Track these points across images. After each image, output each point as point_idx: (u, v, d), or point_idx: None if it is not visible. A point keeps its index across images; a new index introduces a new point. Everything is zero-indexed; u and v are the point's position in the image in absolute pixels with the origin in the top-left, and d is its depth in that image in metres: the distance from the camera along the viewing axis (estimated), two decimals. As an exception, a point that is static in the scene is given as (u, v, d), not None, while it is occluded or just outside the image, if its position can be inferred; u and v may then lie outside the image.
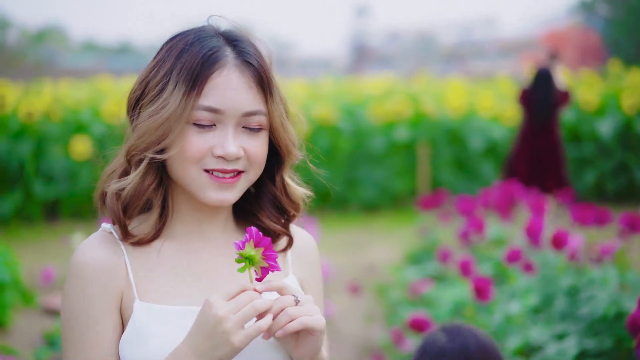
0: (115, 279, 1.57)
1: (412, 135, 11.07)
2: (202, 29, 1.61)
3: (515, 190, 6.42)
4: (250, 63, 1.56)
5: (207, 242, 1.66)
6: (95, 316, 1.55)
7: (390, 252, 8.01)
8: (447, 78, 15.07)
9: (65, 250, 8.22)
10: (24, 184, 10.01)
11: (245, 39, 1.61)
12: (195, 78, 1.53)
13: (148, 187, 1.59)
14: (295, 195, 1.69)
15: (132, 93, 1.62)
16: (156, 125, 1.53)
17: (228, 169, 1.56)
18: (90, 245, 1.60)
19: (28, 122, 10.14)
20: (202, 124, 1.54)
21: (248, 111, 1.55)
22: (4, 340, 5.69)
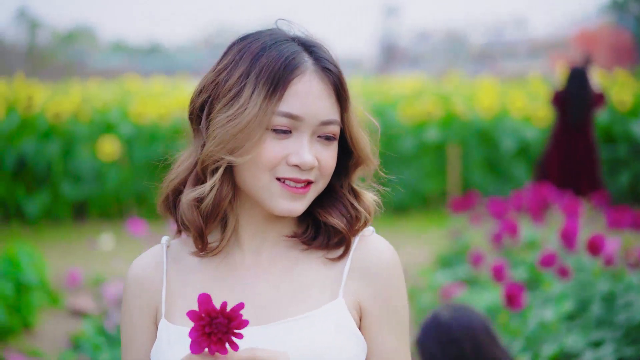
0: (149, 295, 1.58)
1: (442, 136, 10.96)
2: (273, 32, 1.54)
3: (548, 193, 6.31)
4: (330, 70, 1.50)
5: (257, 254, 1.57)
6: (134, 328, 1.58)
7: (420, 254, 7.91)
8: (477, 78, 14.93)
9: (92, 251, 8.22)
10: (51, 185, 10.03)
11: (321, 45, 1.54)
12: (276, 82, 1.45)
13: (225, 198, 1.52)
14: (366, 200, 1.60)
15: (197, 96, 1.54)
16: (236, 131, 1.45)
17: (301, 178, 1.49)
18: (138, 260, 1.62)
19: (56, 123, 10.16)
20: (280, 130, 1.47)
21: (325, 120, 1.49)
22: (29, 342, 5.67)
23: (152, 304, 1.57)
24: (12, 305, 5.92)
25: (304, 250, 1.56)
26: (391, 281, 1.54)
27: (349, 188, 1.59)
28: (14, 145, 9.94)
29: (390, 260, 1.55)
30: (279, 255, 1.57)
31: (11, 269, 6.23)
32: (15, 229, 9.69)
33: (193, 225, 1.52)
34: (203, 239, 1.53)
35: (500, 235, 5.49)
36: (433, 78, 15.49)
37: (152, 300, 1.57)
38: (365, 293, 1.52)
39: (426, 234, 9.15)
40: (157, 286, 1.58)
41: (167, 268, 1.59)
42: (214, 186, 1.50)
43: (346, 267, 1.53)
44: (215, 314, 1.29)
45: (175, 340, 1.50)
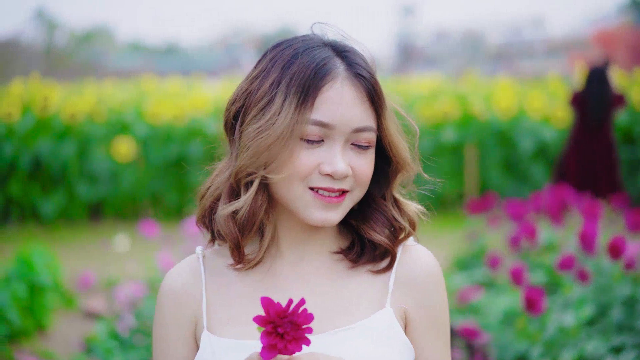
0: (188, 307, 1.55)
1: (459, 137, 10.88)
2: (307, 38, 1.50)
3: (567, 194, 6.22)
4: (362, 76, 1.45)
5: (300, 265, 1.54)
6: (169, 341, 1.55)
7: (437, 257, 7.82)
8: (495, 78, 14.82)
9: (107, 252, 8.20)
10: (67, 185, 10.02)
11: (354, 50, 1.50)
12: (307, 90, 1.42)
13: (260, 208, 1.49)
14: (409, 211, 1.57)
15: (231, 105, 1.51)
16: (268, 143, 1.42)
17: (335, 187, 1.45)
18: (174, 272, 1.60)
19: (71, 123, 10.15)
20: (311, 139, 1.43)
21: (358, 127, 1.45)
22: (43, 344, 5.65)
23: (191, 316, 1.54)
24: (26, 307, 5.90)
25: (350, 267, 1.55)
26: (436, 290, 1.54)
27: (390, 197, 1.56)
28: (30, 145, 9.94)
29: (434, 270, 1.56)
30: (322, 267, 1.54)
31: (25, 271, 6.21)
32: (31, 230, 9.69)
33: (230, 237, 1.51)
34: (239, 250, 1.52)
35: (518, 237, 5.41)
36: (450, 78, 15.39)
37: (191, 313, 1.54)
38: (410, 302, 1.52)
39: (443, 236, 9.06)
40: (196, 298, 1.54)
41: (206, 279, 1.56)
42: (249, 199, 1.48)
43: (392, 277, 1.53)
44: (283, 314, 1.28)
45: (220, 352, 1.47)
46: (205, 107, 10.68)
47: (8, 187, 9.95)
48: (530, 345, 4.02)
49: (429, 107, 10.92)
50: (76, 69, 24.76)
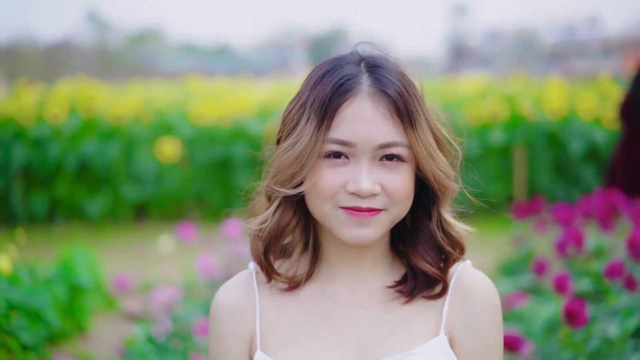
0: (244, 322, 1.54)
1: (508, 138, 10.68)
2: (344, 57, 1.49)
3: (617, 199, 6.03)
4: (386, 91, 1.42)
5: (353, 287, 1.52)
6: (223, 355, 1.55)
7: (482, 262, 7.69)
8: (546, 78, 14.57)
9: (151, 253, 8.21)
10: (112, 186, 10.07)
11: (389, 66, 1.47)
12: (325, 109, 1.41)
13: (287, 225, 1.51)
14: (456, 234, 1.54)
15: (280, 121, 1.53)
16: (290, 161, 1.43)
17: (362, 207, 1.42)
18: (228, 286, 1.59)
19: (117, 124, 10.19)
20: (334, 157, 1.43)
21: (383, 143, 1.42)
22: (83, 346, 5.65)
23: (247, 333, 1.54)
24: (66, 308, 5.91)
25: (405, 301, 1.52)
26: (488, 315, 1.51)
27: (437, 218, 1.53)
28: (76, 146, 10.01)
29: (489, 292, 1.52)
30: (375, 289, 1.52)
31: (66, 272, 6.22)
32: (77, 230, 9.75)
33: (253, 255, 1.53)
34: (264, 268, 1.53)
35: (564, 243, 5.25)
36: (499, 78, 15.18)
37: (247, 330, 1.54)
38: (461, 327, 1.50)
39: (490, 240, 8.90)
40: (250, 315, 1.55)
41: (259, 296, 1.55)
42: (269, 217, 1.50)
43: (446, 304, 1.51)
44: None
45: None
46: (250, 108, 10.65)
47: (54, 188, 10.04)
48: (575, 356, 3.88)
49: (477, 107, 10.75)
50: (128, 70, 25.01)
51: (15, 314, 5.42)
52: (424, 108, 1.47)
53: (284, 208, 1.50)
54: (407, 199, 1.46)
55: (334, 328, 1.48)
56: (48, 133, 10.11)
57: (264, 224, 1.50)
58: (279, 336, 1.50)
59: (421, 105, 1.46)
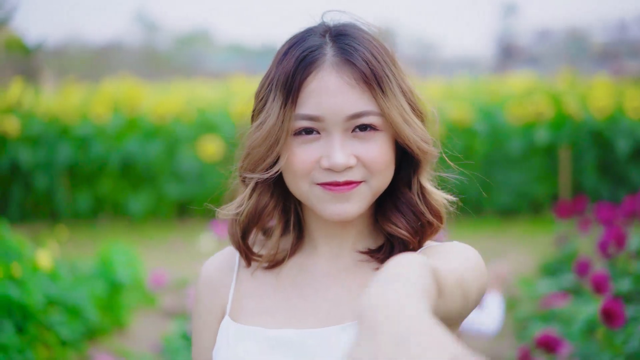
0: (218, 296, 1.54)
1: (553, 137, 10.52)
2: (310, 29, 1.43)
3: (661, 198, 5.90)
4: (350, 60, 1.36)
5: (334, 260, 1.49)
6: (200, 326, 1.56)
7: (525, 262, 7.59)
8: (593, 77, 14.35)
9: (192, 251, 8.24)
10: (155, 184, 10.14)
11: (356, 33, 1.40)
12: (289, 85, 1.36)
13: (265, 207, 1.48)
14: (435, 202, 1.45)
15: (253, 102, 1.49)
16: (259, 141, 1.40)
17: (340, 181, 1.36)
18: (210, 260, 1.60)
19: (160, 123, 10.26)
20: (305, 133, 1.38)
21: (352, 113, 1.35)
22: (121, 342, 5.68)
23: (221, 305, 1.53)
24: (105, 305, 5.95)
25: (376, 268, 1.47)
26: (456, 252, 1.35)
27: (417, 188, 1.45)
28: (120, 145, 10.10)
29: (461, 246, 1.38)
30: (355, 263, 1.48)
31: (105, 269, 6.27)
32: (120, 227, 9.84)
33: (232, 239, 1.51)
34: (242, 252, 1.51)
35: (606, 243, 5.15)
36: (546, 77, 14.98)
37: (221, 302, 1.53)
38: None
39: (533, 240, 8.79)
40: (226, 285, 1.54)
41: (239, 269, 1.55)
42: (244, 201, 1.48)
43: None
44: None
45: (235, 338, 1.45)
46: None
47: (98, 186, 10.14)
48: (613, 357, 3.79)
49: (521, 106, 10.61)
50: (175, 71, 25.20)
51: (55, 309, 5.47)
52: (396, 73, 1.39)
53: (260, 190, 1.46)
54: (387, 168, 1.39)
55: (306, 298, 1.46)
56: (92, 132, 10.22)
57: (240, 208, 1.48)
58: (250, 306, 1.48)
59: (392, 70, 1.39)
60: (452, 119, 10.22)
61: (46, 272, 5.82)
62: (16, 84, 11.56)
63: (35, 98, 11.46)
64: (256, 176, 1.43)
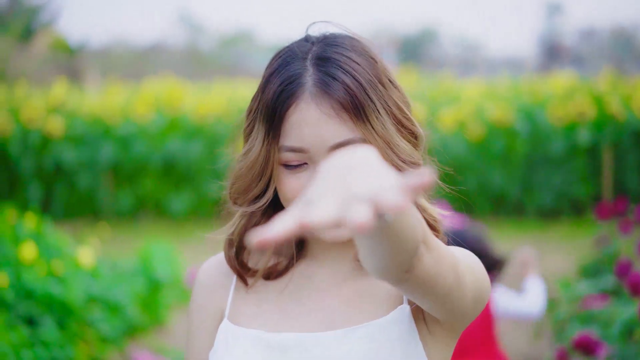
0: (215, 298, 1.52)
1: (595, 138, 10.41)
2: (292, 49, 1.40)
3: None
4: (329, 90, 1.33)
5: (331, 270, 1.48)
6: (196, 327, 1.53)
7: (565, 263, 7.53)
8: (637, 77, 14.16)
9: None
10: (196, 183, 10.22)
11: (337, 55, 1.36)
12: (270, 118, 1.35)
13: (257, 225, 1.47)
14: (431, 218, 1.45)
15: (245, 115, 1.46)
16: (244, 171, 1.40)
17: None
18: (209, 261, 1.58)
19: (201, 123, 10.35)
20: (291, 164, 1.37)
21: (334, 143, 1.33)
22: (159, 339, 5.74)
23: (219, 308, 1.51)
24: (145, 302, 6.02)
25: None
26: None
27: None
28: (161, 144, 10.20)
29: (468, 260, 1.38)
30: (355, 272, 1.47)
31: (144, 267, 6.34)
32: (161, 226, 9.94)
33: (229, 262, 1.50)
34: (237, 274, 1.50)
35: (646, 244, 5.09)
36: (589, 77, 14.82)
37: (220, 303, 1.51)
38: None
39: (574, 241, 8.70)
40: (224, 288, 1.52)
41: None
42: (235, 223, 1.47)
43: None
44: None
45: (234, 341, 1.44)
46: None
47: (140, 185, 10.25)
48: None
49: (563, 106, 10.51)
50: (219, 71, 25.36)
51: (95, 306, 5.55)
52: (382, 92, 1.36)
53: (251, 212, 1.46)
54: None
55: (304, 304, 1.45)
56: (134, 131, 10.34)
57: (232, 229, 1.47)
58: (249, 310, 1.48)
59: (377, 91, 1.35)
60: (492, 119, 10.16)
61: (87, 270, 5.91)
62: (60, 84, 11.74)
63: (79, 98, 11.63)
64: (244, 209, 1.43)
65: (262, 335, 1.42)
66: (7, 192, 10.38)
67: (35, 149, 10.46)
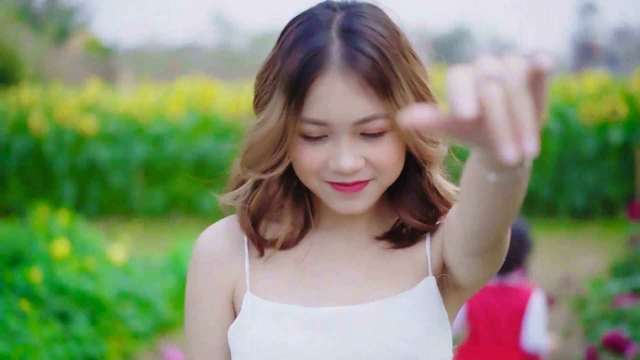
0: (227, 270, 1.45)
1: (627, 137, 10.32)
2: (315, 15, 1.35)
3: None
4: (356, 66, 1.30)
5: (347, 240, 1.46)
6: (203, 305, 1.45)
7: (596, 263, 7.48)
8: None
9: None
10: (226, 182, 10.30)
11: (363, 27, 1.33)
12: (293, 88, 1.31)
13: (273, 196, 1.43)
14: (445, 193, 1.44)
15: (256, 84, 1.41)
16: (260, 139, 1.35)
17: (348, 182, 1.34)
18: (211, 231, 1.49)
19: (233, 122, 10.40)
20: (311, 136, 1.34)
21: (359, 119, 1.31)
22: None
23: (231, 279, 1.45)
24: (175, 299, 6.08)
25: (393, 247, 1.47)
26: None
27: (427, 178, 1.43)
28: (193, 143, 10.27)
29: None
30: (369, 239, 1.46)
31: (175, 264, 6.40)
32: (193, 224, 10.00)
33: (243, 227, 1.44)
34: (255, 241, 1.44)
35: (677, 244, 5.06)
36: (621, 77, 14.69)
37: (231, 275, 1.45)
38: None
39: (606, 241, 8.64)
40: (237, 259, 1.45)
41: (248, 240, 1.46)
42: (247, 190, 1.44)
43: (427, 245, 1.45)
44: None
45: (264, 315, 1.39)
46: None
47: (172, 183, 10.33)
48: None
49: (595, 106, 10.43)
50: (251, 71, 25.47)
51: (127, 302, 5.62)
52: (407, 68, 1.34)
53: (267, 180, 1.42)
54: (395, 166, 1.37)
55: (327, 275, 1.43)
56: (167, 130, 10.42)
57: (246, 196, 1.43)
58: (268, 281, 1.43)
59: (403, 67, 1.33)
60: (523, 119, 10.11)
61: (119, 267, 5.98)
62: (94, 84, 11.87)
63: (113, 98, 11.75)
64: (260, 176, 1.39)
65: (299, 310, 1.38)
66: (42, 191, 10.52)
67: (69, 148, 10.58)
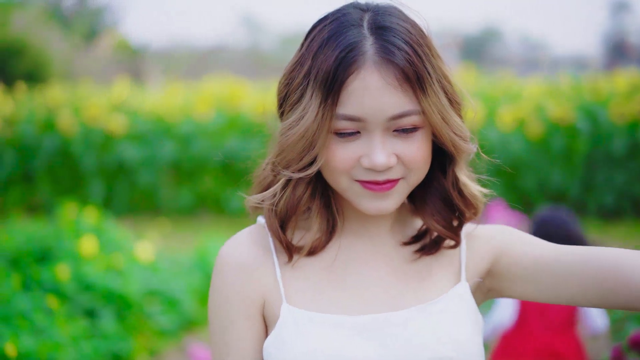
0: (255, 281, 1.44)
1: (658, 137, 10.19)
2: (344, 14, 1.37)
3: None
4: (393, 59, 1.31)
5: (372, 245, 1.47)
6: (233, 317, 1.43)
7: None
8: None
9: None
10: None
11: (395, 25, 1.34)
12: (330, 84, 1.31)
13: (300, 198, 1.43)
14: (470, 195, 1.45)
15: (280, 88, 1.43)
16: (295, 139, 1.35)
17: (380, 180, 1.35)
18: (237, 241, 1.47)
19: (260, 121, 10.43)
20: (345, 132, 1.34)
21: (394, 115, 1.32)
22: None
23: (260, 291, 1.44)
24: (201, 297, 6.10)
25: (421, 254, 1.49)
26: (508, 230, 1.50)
27: (452, 179, 1.44)
28: (221, 142, 10.31)
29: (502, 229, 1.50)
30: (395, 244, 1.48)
31: (200, 261, 6.42)
32: (221, 223, 10.04)
33: (272, 231, 1.44)
34: (283, 243, 1.44)
35: None
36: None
37: (261, 287, 1.44)
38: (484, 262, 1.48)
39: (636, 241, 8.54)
40: (268, 270, 1.44)
41: (276, 250, 1.45)
42: (276, 192, 1.43)
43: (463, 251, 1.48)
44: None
45: (305, 325, 1.38)
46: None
47: (200, 182, 10.38)
48: None
49: (625, 105, 10.32)
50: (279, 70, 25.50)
51: (154, 300, 5.65)
52: (435, 65, 1.35)
53: (295, 182, 1.42)
54: (425, 164, 1.38)
55: (359, 280, 1.43)
56: (194, 129, 10.47)
57: (274, 199, 1.43)
58: (300, 288, 1.42)
59: (432, 63, 1.34)
60: (553, 118, 10.03)
61: (146, 264, 6.01)
62: (123, 83, 11.95)
63: (141, 97, 11.82)
64: (294, 175, 1.38)
65: (340, 319, 1.38)
66: (70, 189, 10.60)
67: (97, 147, 10.66)
